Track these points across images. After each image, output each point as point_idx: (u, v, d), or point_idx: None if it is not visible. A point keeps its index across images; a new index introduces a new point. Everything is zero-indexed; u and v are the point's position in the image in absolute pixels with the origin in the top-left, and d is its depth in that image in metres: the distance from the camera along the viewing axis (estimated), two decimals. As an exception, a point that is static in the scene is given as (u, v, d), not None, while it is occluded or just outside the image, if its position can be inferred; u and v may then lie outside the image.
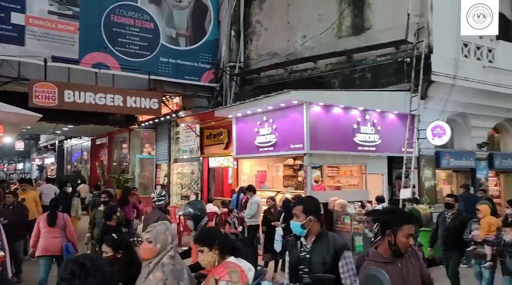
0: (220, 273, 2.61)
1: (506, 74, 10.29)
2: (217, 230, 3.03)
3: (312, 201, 3.11)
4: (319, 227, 2.89)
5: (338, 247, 2.78)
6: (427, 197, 9.75)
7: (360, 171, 9.65)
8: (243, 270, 2.71)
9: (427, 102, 9.50)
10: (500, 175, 12.27)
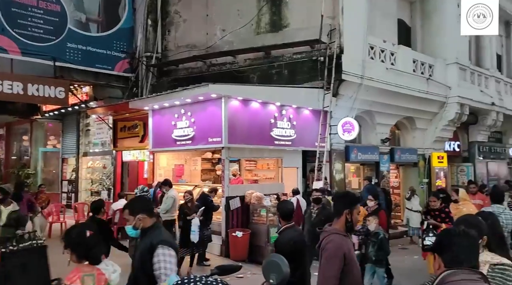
0: (71, 279, 2.59)
1: (405, 76, 11.34)
2: (76, 232, 2.91)
3: (136, 201, 3.30)
4: (150, 222, 2.87)
5: (155, 242, 2.69)
6: (337, 188, 10.37)
7: (277, 165, 9.93)
8: (102, 273, 2.70)
9: (338, 99, 10.08)
10: (400, 168, 13.53)
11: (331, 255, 2.85)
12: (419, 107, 12.25)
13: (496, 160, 15.98)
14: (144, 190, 6.53)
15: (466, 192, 7.67)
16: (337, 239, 2.88)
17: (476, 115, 14.34)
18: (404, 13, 13.31)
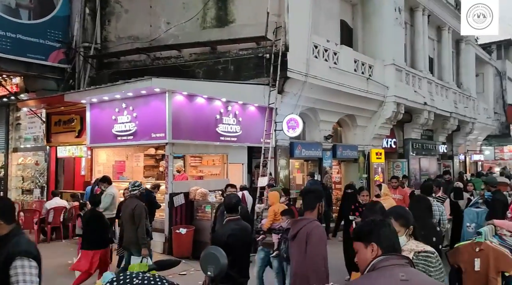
0: None
1: (347, 75, 11.75)
2: None
3: None
4: (7, 229, 2.53)
5: (11, 253, 2.39)
6: (281, 184, 10.52)
7: (222, 161, 9.87)
8: None
9: (284, 96, 10.21)
10: (341, 163, 14.04)
11: (321, 238, 3.30)
12: (359, 105, 12.77)
13: (427, 156, 17.10)
14: (136, 185, 6.18)
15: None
16: (321, 225, 3.46)
17: (411, 114, 15.24)
18: (347, 14, 13.79)
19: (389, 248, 1.89)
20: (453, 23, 18.55)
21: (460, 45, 20.40)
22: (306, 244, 3.25)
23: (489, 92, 24.47)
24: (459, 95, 18.73)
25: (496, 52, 27.10)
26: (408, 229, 2.73)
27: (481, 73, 23.84)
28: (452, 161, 20.04)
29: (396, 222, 2.72)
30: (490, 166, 22.89)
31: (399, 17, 13.95)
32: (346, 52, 12.05)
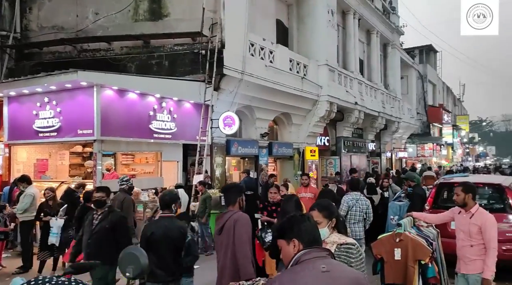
0: None
1: (282, 74, 11.96)
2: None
3: None
4: None
5: None
6: (217, 182, 10.47)
7: (156, 159, 9.57)
8: None
9: (220, 93, 10.14)
10: (277, 161, 14.30)
11: (246, 224, 3.50)
12: (295, 104, 13.07)
13: (358, 153, 18.01)
14: (124, 180, 6.45)
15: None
16: (246, 214, 3.62)
17: (343, 113, 15.93)
18: (282, 14, 14.05)
19: (310, 242, 1.94)
20: (381, 28, 19.72)
21: (387, 49, 21.71)
22: (234, 230, 3.45)
23: (412, 93, 26.36)
24: (386, 96, 19.93)
25: (419, 56, 29.30)
26: (331, 221, 2.81)
27: (406, 75, 25.62)
28: (380, 158, 21.30)
29: (319, 213, 2.80)
30: (413, 162, 24.67)
31: (332, 20, 14.50)
32: (282, 51, 12.27)
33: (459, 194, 4.21)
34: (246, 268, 3.34)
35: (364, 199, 6.68)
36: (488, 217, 4.12)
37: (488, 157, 51.10)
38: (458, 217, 4.35)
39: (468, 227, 4.16)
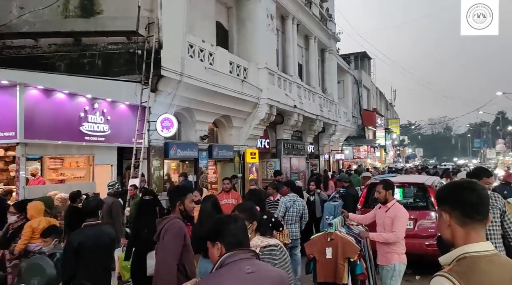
0: None
1: (222, 76, 11.94)
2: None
3: None
4: None
5: None
6: (155, 186, 10.17)
7: (88, 163, 9.09)
8: None
9: (157, 95, 9.88)
10: (218, 163, 14.22)
11: (176, 233, 3.37)
12: (235, 106, 13.10)
13: (297, 155, 18.46)
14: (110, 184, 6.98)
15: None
16: (180, 222, 3.47)
17: (282, 115, 16.25)
18: (222, 17, 14.04)
19: (234, 244, 1.95)
20: (319, 34, 20.43)
21: (325, 54, 22.55)
22: (163, 239, 3.40)
23: (348, 98, 27.60)
24: (324, 99, 20.67)
25: (354, 62, 30.76)
26: (252, 224, 2.82)
27: (342, 80, 26.77)
28: (318, 160, 22.02)
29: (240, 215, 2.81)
30: (349, 164, 25.81)
31: (271, 24, 14.75)
32: (222, 53, 12.24)
33: (380, 191, 4.51)
34: (162, 277, 3.28)
35: (301, 200, 6.86)
36: (401, 210, 4.45)
37: (416, 158, 54.88)
38: (378, 212, 4.67)
39: (383, 220, 4.46)
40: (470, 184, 1.76)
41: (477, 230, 1.67)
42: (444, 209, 1.76)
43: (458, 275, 1.55)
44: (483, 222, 1.68)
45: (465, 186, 1.75)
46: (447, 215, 1.73)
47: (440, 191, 1.85)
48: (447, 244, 1.78)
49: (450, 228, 1.72)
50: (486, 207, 1.72)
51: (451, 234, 1.72)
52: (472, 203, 1.68)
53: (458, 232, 1.68)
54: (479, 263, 1.59)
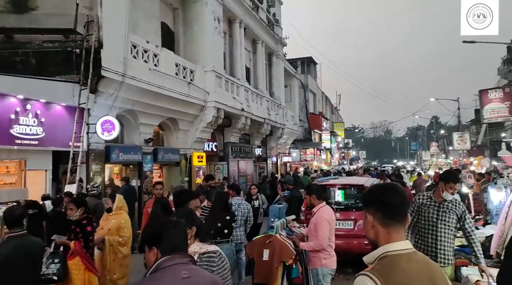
0: None
1: (168, 78, 11.70)
2: None
3: None
4: None
5: None
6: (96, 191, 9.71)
7: (19, 168, 8.48)
8: None
9: (98, 96, 9.47)
10: (163, 167, 13.89)
11: None
12: (181, 109, 12.88)
13: (245, 158, 18.52)
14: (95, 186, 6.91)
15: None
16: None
17: (230, 119, 16.23)
18: (168, 17, 13.78)
19: (171, 249, 1.93)
20: (266, 38, 20.69)
21: (272, 58, 22.87)
22: None
23: (295, 101, 28.19)
24: (272, 103, 20.95)
25: (301, 67, 31.50)
26: (191, 230, 2.78)
27: (289, 84, 27.30)
28: (266, 163, 22.25)
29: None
30: (296, 166, 26.33)
31: (219, 27, 14.71)
32: (167, 55, 12.00)
33: (306, 197, 4.60)
34: None
35: (245, 203, 6.87)
36: (321, 215, 4.46)
37: (360, 160, 57.26)
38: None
39: (310, 225, 4.57)
40: (392, 186, 1.87)
41: (397, 230, 1.76)
42: (368, 210, 1.84)
43: (379, 273, 1.62)
44: (403, 222, 1.78)
45: (388, 188, 1.85)
46: (371, 216, 1.81)
47: (365, 194, 1.93)
48: (371, 244, 1.86)
49: (374, 229, 1.80)
50: (406, 208, 1.84)
51: (375, 234, 1.80)
52: (394, 204, 1.77)
53: (381, 232, 1.77)
54: (398, 261, 1.67)
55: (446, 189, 4.10)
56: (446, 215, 4.09)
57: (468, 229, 4.14)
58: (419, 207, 4.23)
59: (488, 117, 23.82)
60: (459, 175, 10.41)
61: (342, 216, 7.25)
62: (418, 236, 4.21)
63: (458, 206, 4.15)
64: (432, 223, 4.12)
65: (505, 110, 22.97)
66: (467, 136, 31.19)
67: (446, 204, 4.13)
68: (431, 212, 4.15)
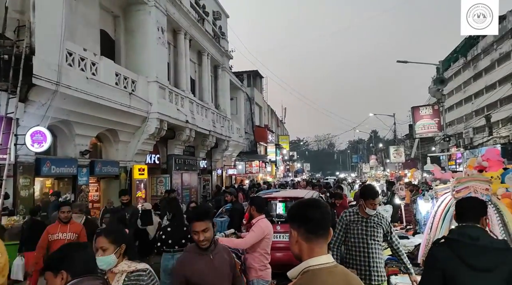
0: None
1: (107, 88, 11.26)
2: None
3: None
4: None
5: None
6: (23, 206, 9.03)
7: None
8: None
9: (28, 105, 8.87)
10: (101, 181, 13.26)
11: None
12: (122, 120, 12.43)
13: (189, 171, 18.22)
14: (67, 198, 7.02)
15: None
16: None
17: (174, 130, 15.93)
18: (108, 25, 13.34)
19: (83, 271, 1.87)
20: (212, 51, 20.72)
21: (218, 71, 22.91)
22: None
23: (241, 114, 28.39)
24: (217, 115, 20.90)
25: (247, 80, 31.88)
26: (120, 247, 2.67)
27: (235, 97, 27.48)
28: (211, 175, 22.04)
29: (106, 239, 2.64)
30: (241, 179, 26.37)
31: (162, 37, 14.49)
32: (107, 64, 11.57)
33: (248, 208, 4.66)
34: None
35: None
36: (259, 225, 4.53)
37: (304, 172, 58.66)
38: None
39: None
40: (314, 202, 1.90)
41: (320, 244, 1.79)
42: (293, 226, 1.86)
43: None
44: (325, 237, 1.82)
45: (310, 204, 1.88)
46: (295, 231, 1.83)
47: (290, 209, 1.95)
48: (296, 259, 1.87)
49: (298, 244, 1.82)
50: (328, 223, 1.86)
51: (299, 249, 1.82)
52: (316, 220, 1.81)
53: (304, 247, 1.80)
54: (320, 275, 1.71)
55: (367, 205, 4.08)
56: (374, 230, 4.08)
57: (395, 242, 4.21)
58: (347, 225, 4.17)
59: (419, 132, 25.51)
60: (393, 187, 10.99)
61: (283, 228, 7.32)
62: (349, 255, 4.14)
63: (383, 220, 4.17)
64: (362, 239, 4.07)
65: (434, 126, 24.76)
66: (402, 150, 33.18)
67: (372, 218, 4.12)
68: (359, 228, 4.10)
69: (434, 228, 4.86)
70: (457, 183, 4.52)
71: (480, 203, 2.80)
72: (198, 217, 3.01)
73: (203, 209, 3.33)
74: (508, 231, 4.21)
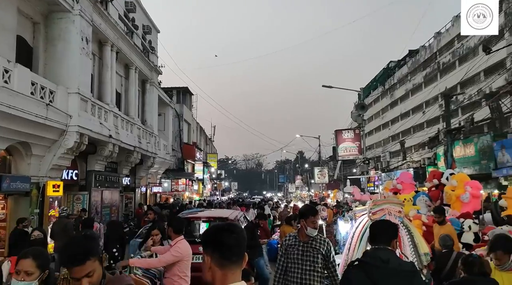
0: None
1: (22, 98, 10.42)
2: None
3: None
4: None
5: None
6: None
7: None
8: None
9: None
10: (8, 197, 12.06)
11: None
12: (36, 132, 11.54)
13: (110, 188, 17.32)
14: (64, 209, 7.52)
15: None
16: None
17: (96, 145, 15.12)
18: (26, 31, 12.47)
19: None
20: (140, 64, 20.24)
21: (146, 85, 22.35)
22: None
23: (169, 130, 27.84)
24: (143, 131, 20.28)
25: (176, 96, 31.49)
26: (44, 273, 2.50)
27: (163, 113, 26.93)
28: (134, 192, 21.18)
29: (33, 262, 2.47)
30: (167, 197, 25.66)
31: (87, 48, 13.86)
32: (22, 72, 10.72)
33: (167, 229, 4.61)
34: None
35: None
36: (177, 245, 4.51)
37: (231, 191, 58.78)
38: None
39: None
40: (229, 227, 1.86)
41: (233, 271, 1.76)
42: (206, 252, 1.81)
43: None
44: (239, 263, 1.79)
45: (224, 229, 1.84)
46: (208, 257, 1.78)
47: (203, 234, 1.92)
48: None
49: (210, 270, 1.77)
50: (243, 249, 1.82)
51: (212, 276, 1.77)
52: (230, 245, 1.77)
53: (217, 274, 1.75)
54: None
55: (308, 225, 3.88)
56: (310, 255, 3.85)
57: (332, 269, 3.92)
58: (286, 249, 3.98)
59: (342, 154, 27.08)
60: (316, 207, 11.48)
61: (205, 249, 7.24)
62: (287, 281, 3.93)
63: (323, 243, 3.92)
64: (297, 264, 3.87)
65: (355, 149, 26.47)
66: (326, 171, 34.86)
67: (310, 242, 3.90)
68: (295, 253, 3.91)
69: (352, 249, 5.13)
70: (373, 205, 4.88)
71: (391, 226, 2.98)
72: (76, 260, 2.07)
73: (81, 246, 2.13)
74: (418, 252, 4.55)
